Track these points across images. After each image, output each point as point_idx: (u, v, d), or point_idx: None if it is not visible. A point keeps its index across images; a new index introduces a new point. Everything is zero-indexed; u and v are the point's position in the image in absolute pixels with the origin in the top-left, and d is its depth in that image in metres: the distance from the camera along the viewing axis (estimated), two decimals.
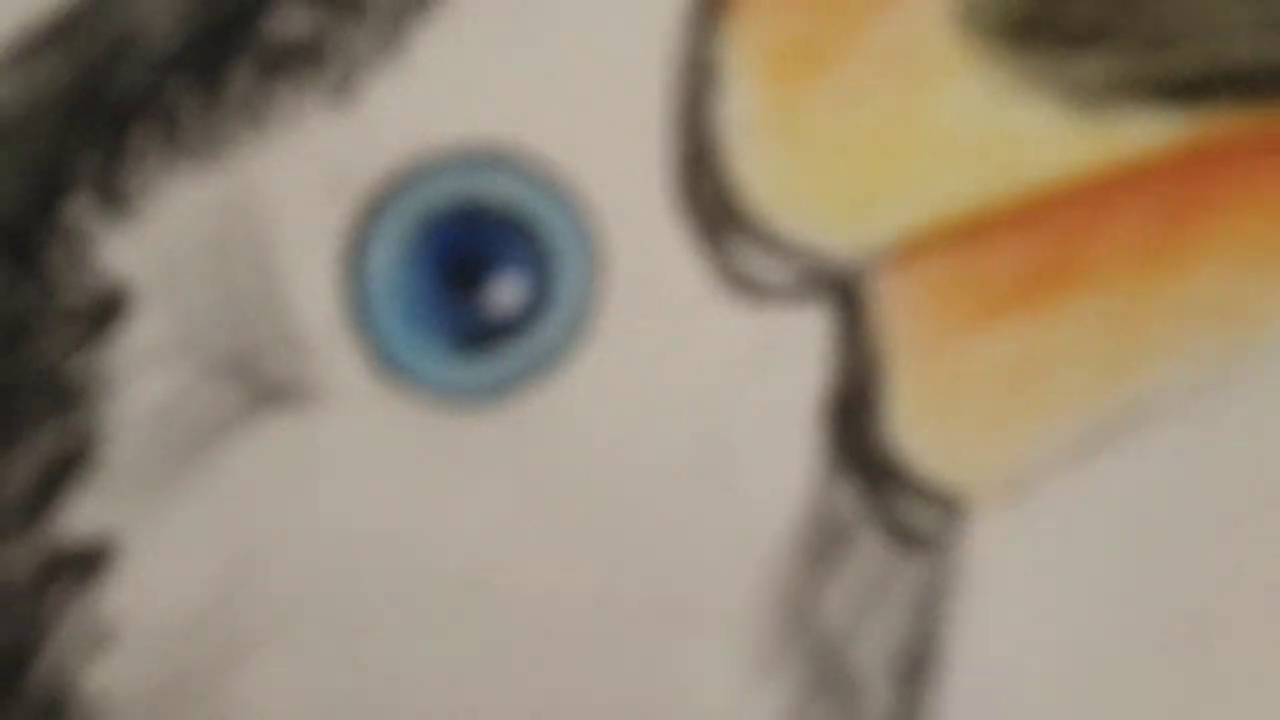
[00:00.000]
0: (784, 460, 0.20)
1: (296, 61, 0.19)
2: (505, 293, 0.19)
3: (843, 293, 0.20)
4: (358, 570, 0.19)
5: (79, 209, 0.19)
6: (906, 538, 0.20)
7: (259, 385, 0.19)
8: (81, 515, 0.18)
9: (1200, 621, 0.20)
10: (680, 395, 0.19)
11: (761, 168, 0.20)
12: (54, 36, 0.19)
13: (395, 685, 0.18)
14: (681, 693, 0.20)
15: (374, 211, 0.19)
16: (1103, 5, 0.19)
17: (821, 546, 0.20)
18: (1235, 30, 0.19)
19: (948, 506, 0.20)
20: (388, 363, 0.19)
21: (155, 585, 0.18)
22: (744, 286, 0.19)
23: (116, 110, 0.19)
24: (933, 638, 0.20)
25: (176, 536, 0.18)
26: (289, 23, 0.19)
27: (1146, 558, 0.20)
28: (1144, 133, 0.19)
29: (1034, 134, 0.19)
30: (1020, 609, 0.20)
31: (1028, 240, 0.20)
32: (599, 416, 0.19)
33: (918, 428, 0.20)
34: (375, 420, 0.19)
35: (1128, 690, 0.21)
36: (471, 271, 0.19)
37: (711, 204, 0.19)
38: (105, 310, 0.19)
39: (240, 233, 0.19)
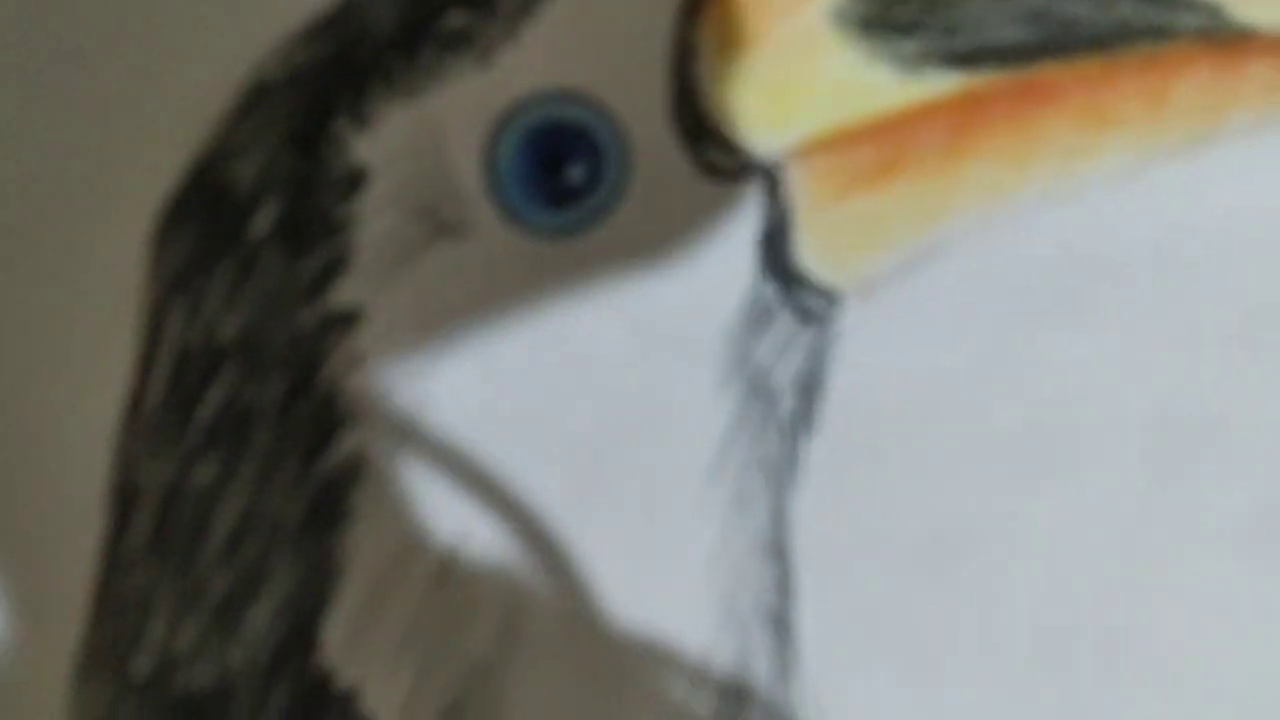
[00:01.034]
0: (736, 268, 0.32)
1: (458, 43, 0.32)
2: (574, 173, 0.32)
3: (768, 174, 0.32)
4: (499, 318, 0.32)
5: (340, 124, 0.32)
6: (805, 314, 0.33)
7: (438, 223, 0.32)
8: (341, 293, 0.32)
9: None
10: (673, 232, 0.32)
11: (720, 102, 0.32)
12: (323, 27, 0.32)
13: (518, 385, 0.32)
14: (676, 404, 0.33)
15: (501, 126, 0.32)
16: (916, 10, 0.32)
17: (756, 318, 0.32)
18: (994, 25, 0.32)
19: (830, 297, 0.33)
20: (508, 211, 0.32)
21: (402, 337, 0.32)
22: (711, 170, 0.32)
23: (360, 71, 0.32)
24: (820, 370, 0.33)
25: (417, 303, 0.32)
26: (453, 20, 0.31)
27: (940, 321, 0.33)
28: (942, 84, 0.32)
29: (877, 85, 0.32)
30: (869, 352, 0.33)
31: (873, 144, 0.32)
32: (629, 244, 0.32)
33: (812, 252, 0.33)
34: (502, 242, 0.32)
35: (933, 390, 0.34)
36: (555, 160, 0.32)
37: (693, 123, 0.32)
38: (354, 181, 0.32)
39: (428, 138, 0.32)
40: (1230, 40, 0.32)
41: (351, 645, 0.30)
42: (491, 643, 0.30)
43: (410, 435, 0.31)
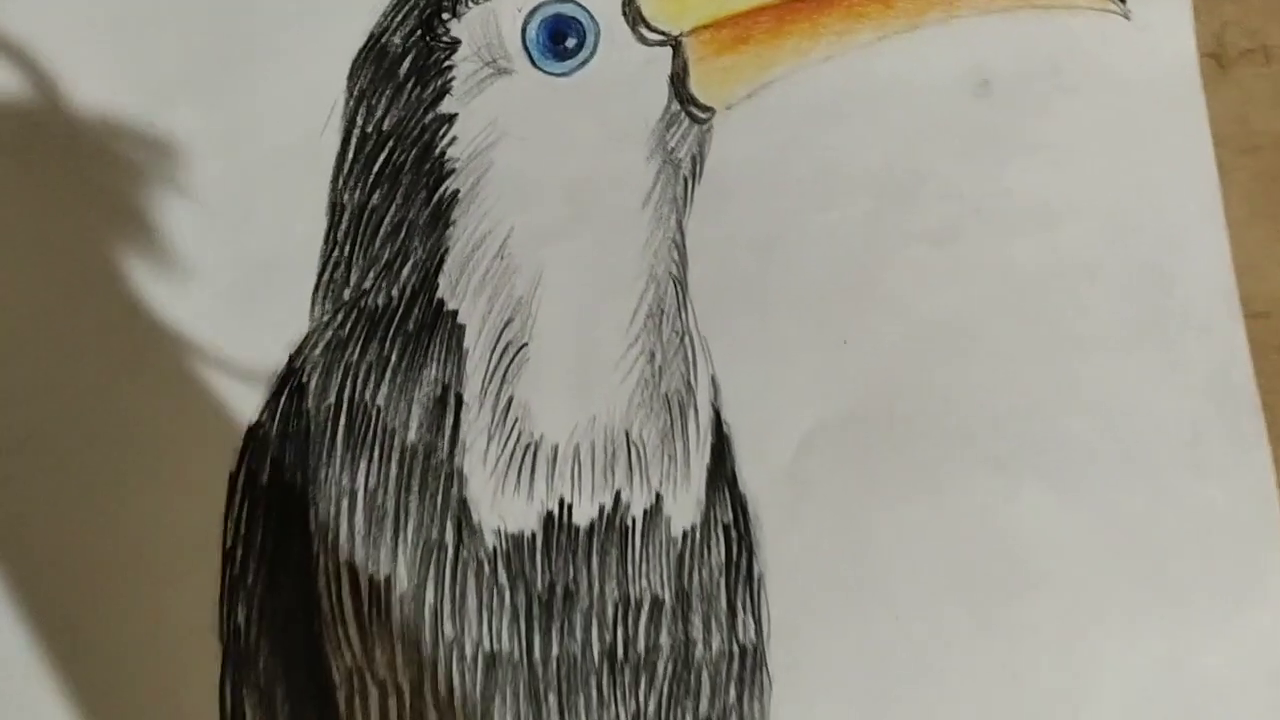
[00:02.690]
0: (657, 93, 0.56)
1: None
2: (570, 42, 0.55)
3: (675, 43, 0.56)
4: (528, 120, 0.56)
5: (444, 14, 0.55)
6: (695, 118, 0.56)
7: (497, 68, 0.55)
8: (446, 105, 0.55)
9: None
10: (623, 75, 0.56)
11: (654, 6, 0.55)
12: None
13: (539, 156, 0.56)
14: (624, 170, 0.57)
15: (530, 15, 0.55)
16: None
17: (669, 120, 0.55)
18: None
19: (709, 109, 0.56)
20: (533, 61, 0.55)
21: (478, 129, 0.56)
22: (644, 41, 0.55)
23: None
24: (704, 149, 0.56)
25: (485, 110, 0.55)
26: None
27: (766, 120, 0.58)
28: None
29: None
30: (730, 138, 0.56)
31: (732, 28, 0.55)
32: (600, 82, 0.56)
33: (699, 85, 0.56)
34: (530, 79, 0.55)
35: (763, 156, 0.58)
36: (559, 34, 0.55)
37: (635, 15, 0.55)
38: (452, 46, 0.55)
39: (492, 21, 0.55)
40: None
41: (454, 287, 0.55)
42: (527, 288, 0.55)
43: (484, 179, 0.56)
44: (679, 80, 0.56)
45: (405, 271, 0.55)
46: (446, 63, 0.56)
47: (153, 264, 0.55)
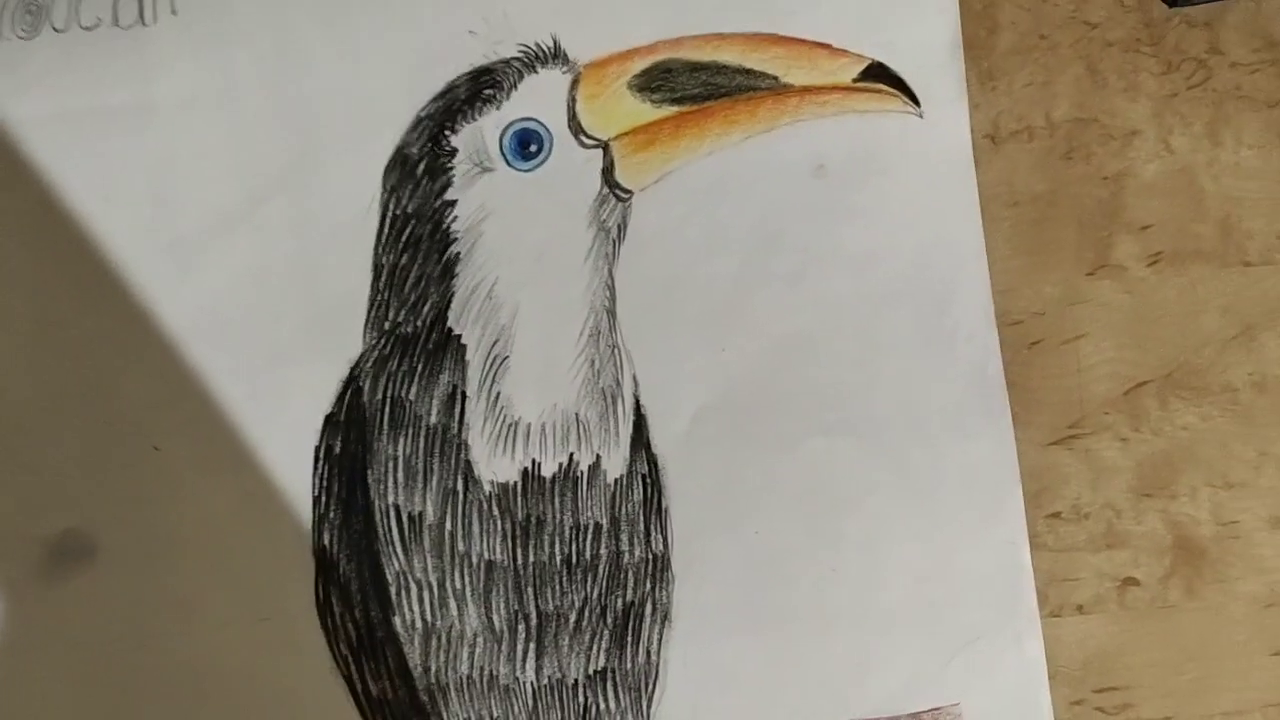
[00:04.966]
0: (593, 180, 0.76)
1: (489, 100, 0.77)
2: (532, 148, 0.75)
3: (605, 146, 0.75)
4: (503, 202, 0.78)
5: (446, 132, 0.76)
6: (619, 197, 0.76)
7: (482, 167, 0.76)
8: (474, 197, 0.76)
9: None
10: (569, 169, 0.77)
11: (587, 118, 0.76)
12: (442, 93, 0.77)
13: (507, 220, 0.79)
14: (570, 235, 0.79)
15: (505, 129, 0.75)
16: (659, 82, 0.77)
17: (601, 200, 0.75)
18: (689, 87, 0.77)
19: (629, 191, 0.76)
20: (507, 162, 0.75)
21: (472, 211, 0.79)
22: (583, 145, 0.76)
23: (454, 111, 0.76)
24: (626, 219, 0.75)
25: (476, 196, 0.77)
26: (487, 91, 0.76)
27: (667, 198, 0.80)
28: (670, 111, 0.76)
29: (643, 112, 0.75)
30: (644, 209, 0.77)
31: (644, 134, 0.75)
32: (553, 175, 0.76)
33: (623, 174, 0.76)
34: (505, 174, 0.75)
35: (667, 219, 0.80)
36: (525, 142, 0.76)
37: (577, 128, 0.76)
38: (452, 153, 0.76)
39: (479, 135, 0.76)
40: (781, 90, 0.76)
41: (458, 319, 0.77)
42: (508, 319, 0.78)
43: (476, 245, 0.77)
44: (608, 172, 0.75)
45: (425, 309, 0.76)
46: (449, 165, 0.76)
47: (255, 311, 0.79)
